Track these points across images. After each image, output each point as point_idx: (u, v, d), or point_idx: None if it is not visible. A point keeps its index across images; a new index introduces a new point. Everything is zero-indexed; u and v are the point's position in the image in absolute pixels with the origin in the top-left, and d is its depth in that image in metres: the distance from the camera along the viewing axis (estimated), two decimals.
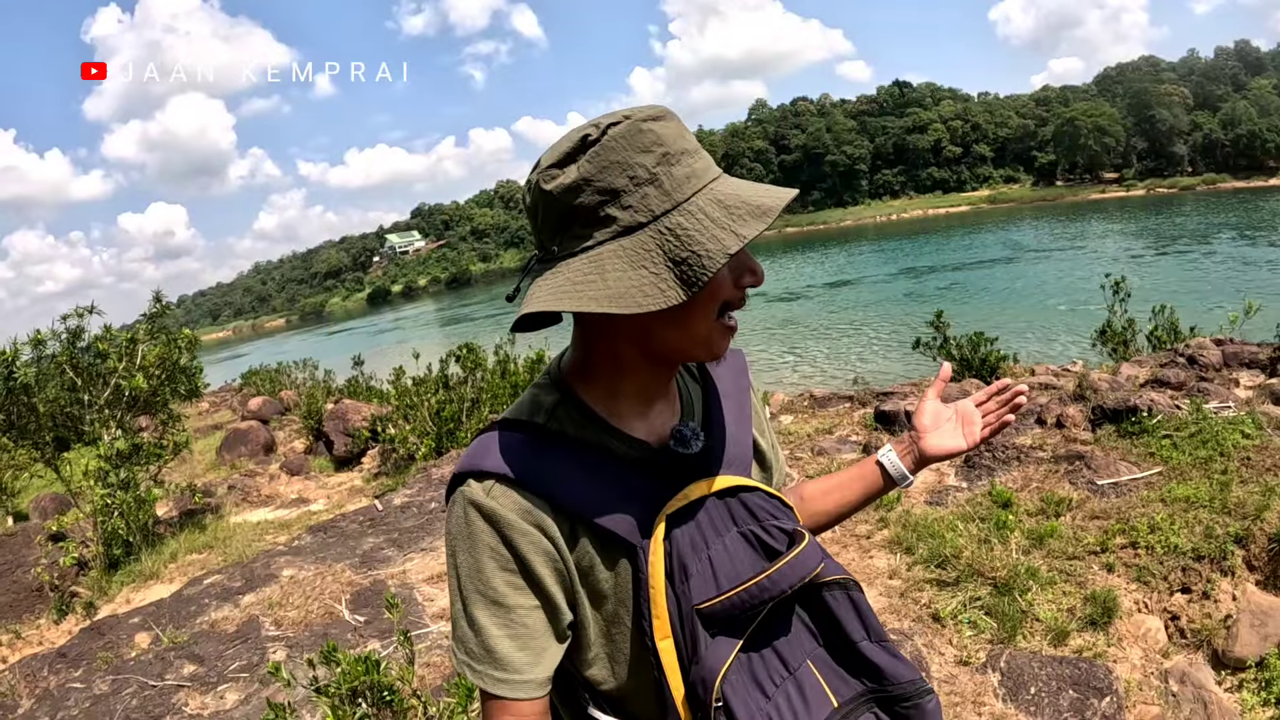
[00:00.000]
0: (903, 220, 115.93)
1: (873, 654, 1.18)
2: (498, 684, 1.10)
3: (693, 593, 1.11)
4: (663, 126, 1.08)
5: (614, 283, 1.03)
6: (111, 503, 7.60)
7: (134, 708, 4.26)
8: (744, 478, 1.23)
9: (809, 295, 40.48)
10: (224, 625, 5.26)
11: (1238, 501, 4.74)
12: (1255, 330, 9.74)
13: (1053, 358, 11.95)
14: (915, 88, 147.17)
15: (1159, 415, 6.02)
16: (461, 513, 1.13)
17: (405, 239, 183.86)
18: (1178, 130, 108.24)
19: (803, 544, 1.15)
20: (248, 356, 40.33)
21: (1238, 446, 5.42)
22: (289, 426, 15.24)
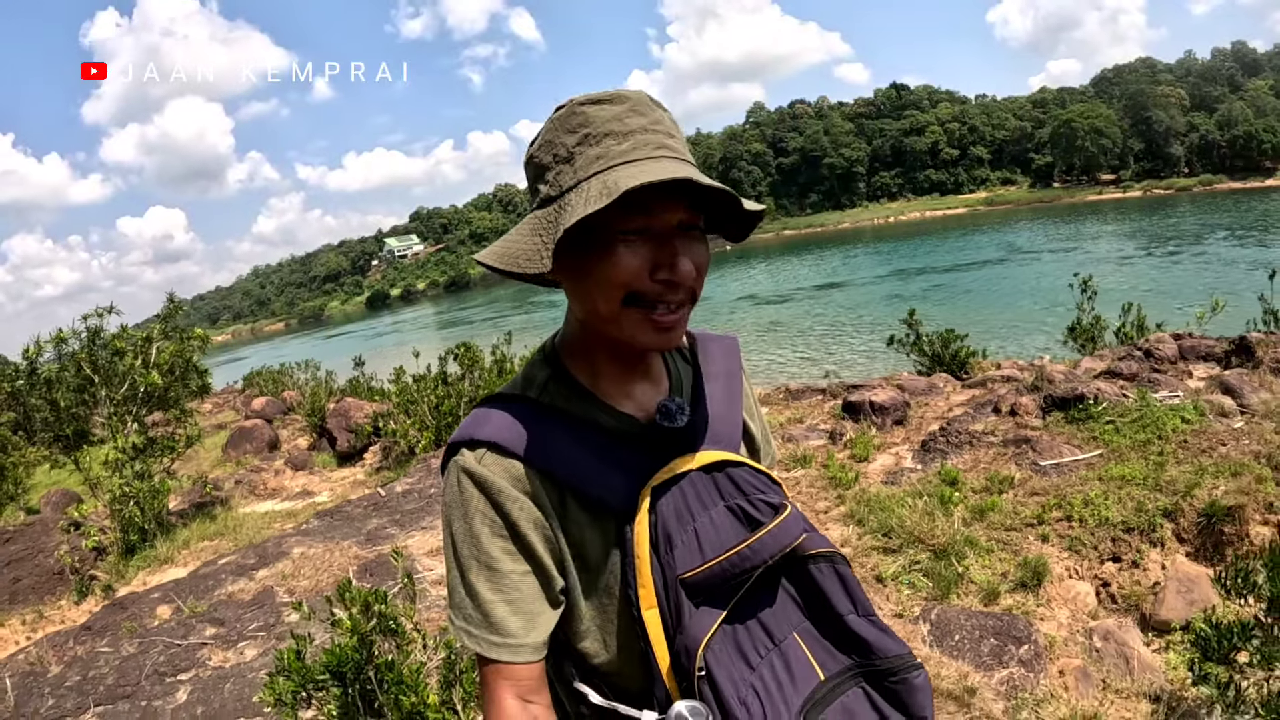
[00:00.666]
0: (900, 223, 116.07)
1: (860, 627, 1.19)
2: (494, 648, 1.14)
3: (677, 563, 1.13)
4: (598, 109, 1.13)
5: (510, 245, 1.15)
6: (129, 491, 8.03)
7: (161, 663, 4.73)
8: (730, 453, 1.25)
9: (797, 298, 40.95)
10: (241, 595, 5.74)
11: (1170, 480, 5.23)
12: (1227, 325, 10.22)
13: (1026, 354, 12.40)
14: (913, 90, 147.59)
15: (1104, 403, 6.50)
16: (455, 480, 1.18)
17: (404, 243, 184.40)
18: (1174, 132, 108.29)
19: (785, 514, 1.18)
20: (247, 359, 40.60)
21: (1176, 431, 5.92)
22: (292, 425, 15.62)
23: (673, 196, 1.10)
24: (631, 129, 1.12)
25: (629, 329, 1.14)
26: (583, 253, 1.12)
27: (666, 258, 1.11)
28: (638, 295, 1.11)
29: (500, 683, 1.14)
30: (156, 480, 8.51)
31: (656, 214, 1.10)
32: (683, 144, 1.17)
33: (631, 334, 1.14)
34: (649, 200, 1.08)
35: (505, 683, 1.14)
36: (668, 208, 1.11)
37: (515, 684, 1.14)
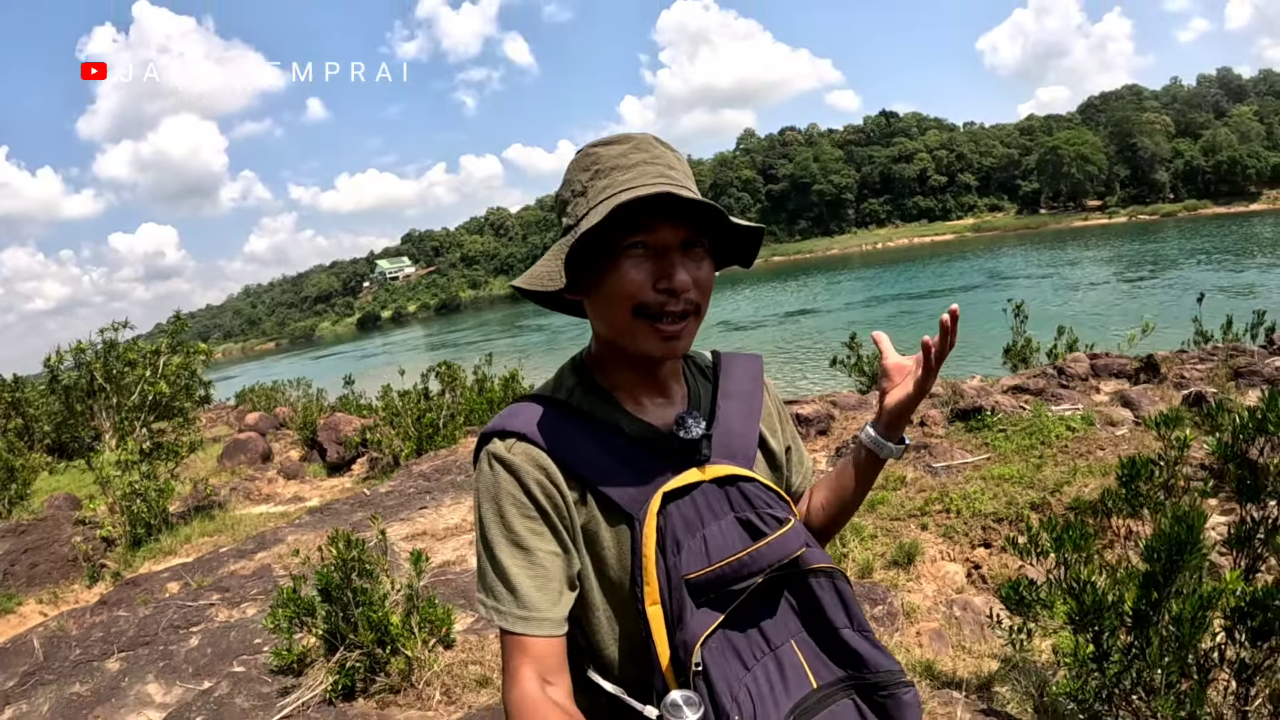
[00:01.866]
0: (888, 249, 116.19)
1: (854, 641, 1.25)
2: (519, 621, 1.18)
3: (683, 565, 1.19)
4: (606, 149, 1.27)
5: (537, 269, 1.26)
6: (138, 489, 8.88)
7: (176, 619, 5.61)
8: (743, 468, 1.32)
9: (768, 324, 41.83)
10: (242, 571, 6.63)
11: (1043, 479, 6.08)
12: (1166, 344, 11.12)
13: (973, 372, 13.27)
14: (902, 118, 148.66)
15: (1000, 414, 7.41)
16: (488, 466, 1.26)
17: (395, 264, 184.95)
18: (1159, 157, 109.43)
19: (788, 526, 1.25)
20: (238, 378, 41.07)
21: (1060, 438, 6.80)
22: (284, 439, 16.36)
23: (672, 218, 1.23)
24: (634, 163, 1.26)
25: (639, 338, 1.25)
26: (597, 271, 1.24)
27: (665, 270, 1.23)
28: (643, 306, 1.23)
29: (522, 660, 1.18)
30: (161, 481, 9.35)
31: (657, 232, 1.23)
32: (685, 175, 1.31)
33: (641, 343, 1.26)
34: (650, 220, 1.21)
35: (527, 660, 1.18)
36: (667, 227, 1.23)
37: (537, 662, 1.18)
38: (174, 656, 5.04)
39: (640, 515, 1.24)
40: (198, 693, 4.47)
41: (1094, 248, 67.04)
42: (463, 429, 12.19)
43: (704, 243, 1.28)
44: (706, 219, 1.25)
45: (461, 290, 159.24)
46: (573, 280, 1.26)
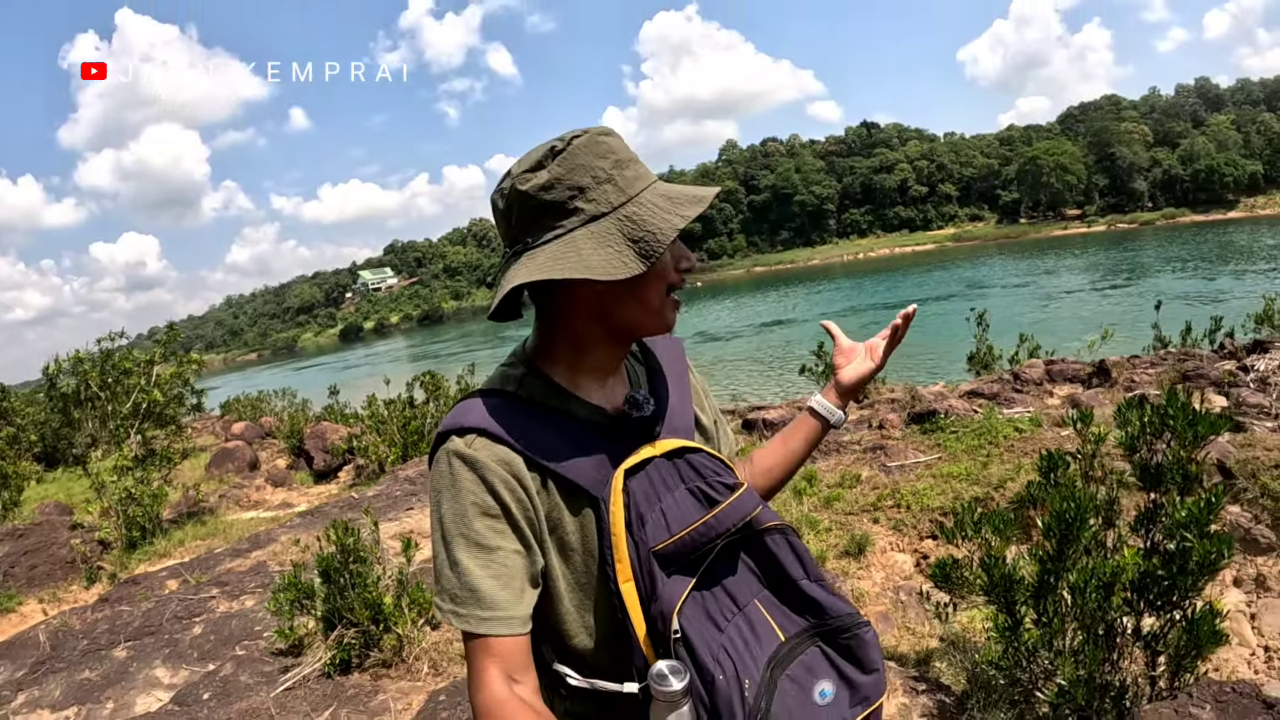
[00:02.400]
0: (869, 259, 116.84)
1: (812, 591, 1.30)
2: (481, 622, 1.19)
3: (649, 537, 1.24)
4: (613, 140, 1.33)
5: (588, 257, 1.24)
6: (134, 493, 9.22)
7: (178, 611, 5.99)
8: (689, 441, 1.39)
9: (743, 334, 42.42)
10: (239, 568, 7.01)
11: (989, 475, 6.52)
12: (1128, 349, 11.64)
13: (941, 379, 13.73)
14: (883, 128, 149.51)
15: (953, 417, 7.86)
16: (446, 464, 1.26)
17: (378, 275, 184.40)
18: (1138, 167, 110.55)
19: (741, 490, 1.31)
20: (220, 389, 41.25)
21: (1007, 438, 7.26)
22: (271, 448, 16.60)
23: None
24: (636, 157, 1.35)
25: (666, 315, 1.36)
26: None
27: (683, 253, 1.36)
28: (671, 285, 1.35)
29: (487, 661, 1.20)
30: (155, 486, 9.69)
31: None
32: None
33: (668, 318, 1.37)
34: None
35: (492, 661, 1.19)
36: None
37: (502, 661, 1.20)
38: (179, 644, 5.43)
39: (604, 495, 1.28)
40: (204, 674, 4.86)
41: (1072, 257, 67.79)
42: None
43: None
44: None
45: (444, 301, 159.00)
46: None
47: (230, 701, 4.40)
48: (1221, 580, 4.92)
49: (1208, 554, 2.83)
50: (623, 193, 1.29)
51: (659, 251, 1.24)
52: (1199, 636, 2.92)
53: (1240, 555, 5.00)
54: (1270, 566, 4.94)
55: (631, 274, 1.23)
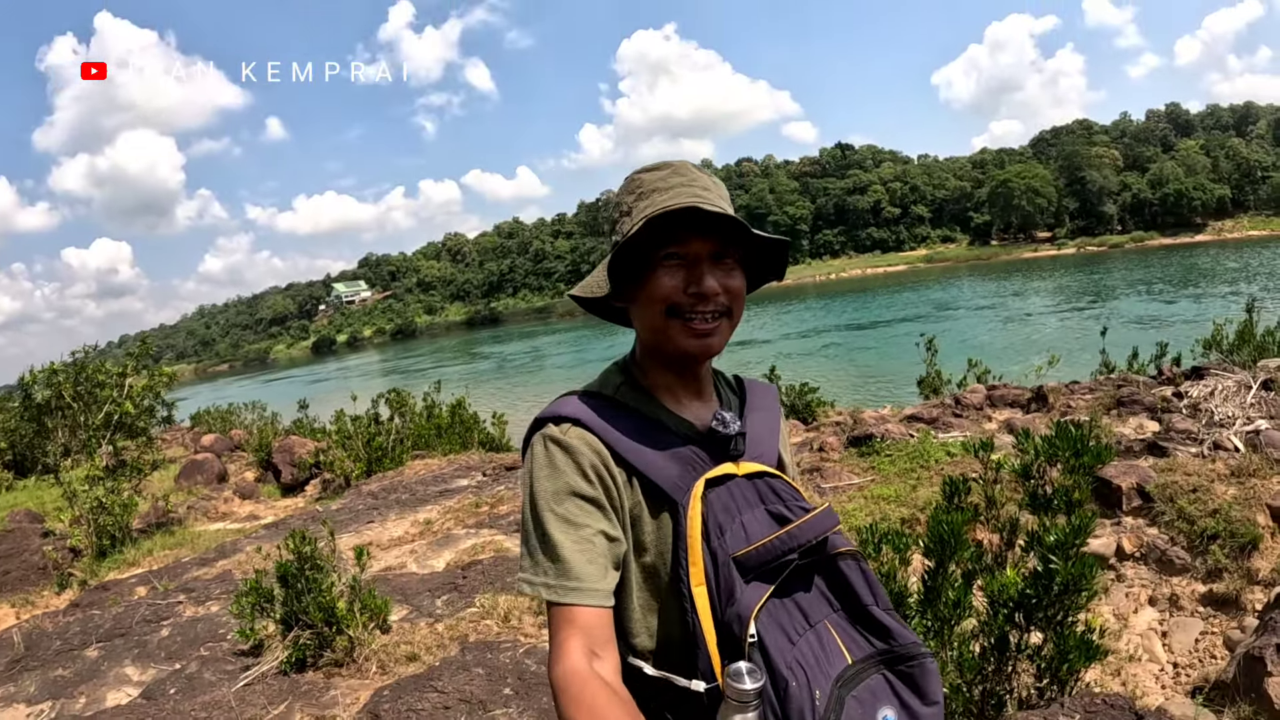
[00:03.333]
0: (842, 280, 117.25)
1: (882, 617, 1.34)
2: (569, 592, 1.24)
3: (729, 545, 1.30)
4: (648, 175, 1.44)
5: (589, 279, 1.41)
6: (105, 503, 9.52)
7: (147, 615, 6.36)
8: (770, 467, 1.44)
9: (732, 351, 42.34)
10: (205, 576, 7.38)
11: (917, 498, 6.89)
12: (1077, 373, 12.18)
13: (892, 402, 14.16)
14: (857, 150, 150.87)
15: (889, 441, 8.29)
16: (542, 447, 1.36)
17: (352, 288, 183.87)
18: (1108, 190, 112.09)
19: (820, 508, 1.36)
20: (190, 400, 41.22)
21: (939, 462, 7.65)
22: (240, 460, 16.75)
23: (702, 232, 1.38)
24: (672, 185, 1.41)
25: (673, 337, 1.40)
26: (638, 280, 1.40)
27: (695, 277, 1.37)
28: (675, 307, 1.37)
29: (570, 631, 1.22)
30: (125, 496, 9.99)
31: (689, 244, 1.38)
32: (719, 196, 1.46)
33: (676, 341, 1.40)
34: (683, 234, 1.37)
35: (575, 631, 1.22)
36: (698, 240, 1.38)
37: (585, 634, 1.22)
38: (147, 645, 5.79)
39: (684, 501, 1.33)
40: (170, 671, 5.24)
41: (1040, 279, 68.59)
42: (410, 452, 12.89)
43: (734, 254, 1.43)
44: (734, 233, 1.39)
45: (418, 316, 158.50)
46: (618, 289, 1.43)
47: (194, 696, 4.78)
48: (1136, 599, 5.25)
49: (1071, 575, 3.09)
50: (632, 222, 1.39)
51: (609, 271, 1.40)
52: (1067, 650, 3.18)
53: (1156, 575, 5.34)
54: (1184, 586, 5.22)
55: (600, 293, 1.41)
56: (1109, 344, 11.91)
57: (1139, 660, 4.61)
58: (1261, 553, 5.16)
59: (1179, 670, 4.59)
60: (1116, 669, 4.49)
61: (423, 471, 11.23)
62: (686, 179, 1.43)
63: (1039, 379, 11.13)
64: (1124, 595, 5.29)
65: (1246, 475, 5.86)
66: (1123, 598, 5.27)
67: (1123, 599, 5.25)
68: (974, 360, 12.64)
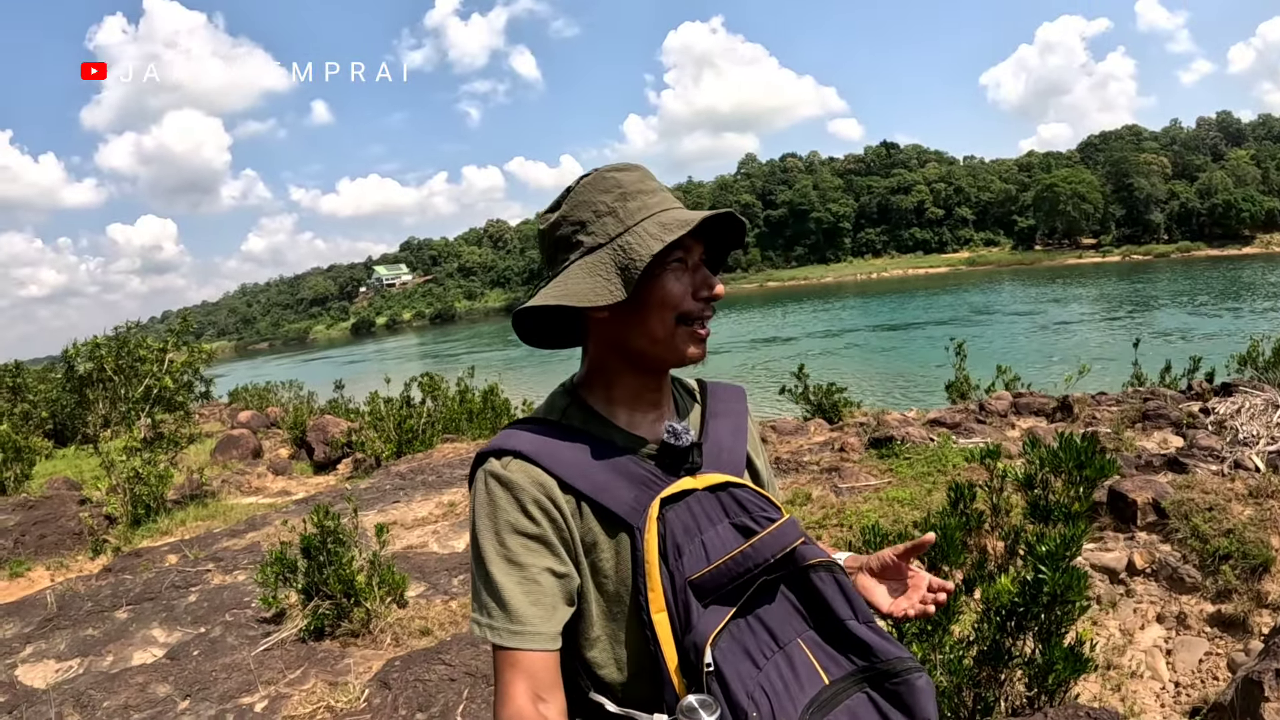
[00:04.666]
0: (883, 279, 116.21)
1: (860, 632, 1.27)
2: (511, 635, 1.20)
3: (686, 568, 1.24)
4: (624, 175, 1.37)
5: (572, 286, 1.31)
6: (140, 473, 9.79)
7: (176, 581, 6.59)
8: (734, 476, 1.38)
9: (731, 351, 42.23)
10: (234, 547, 7.61)
11: (931, 502, 6.88)
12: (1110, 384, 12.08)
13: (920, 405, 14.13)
14: (902, 149, 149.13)
15: (909, 444, 8.35)
16: (483, 484, 1.30)
17: (393, 271, 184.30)
18: (1155, 198, 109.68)
19: (782, 520, 1.30)
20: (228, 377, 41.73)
21: (955, 466, 7.70)
22: (275, 437, 17.04)
23: (697, 236, 1.36)
24: (654, 189, 1.37)
25: (680, 345, 1.35)
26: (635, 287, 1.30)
27: (703, 281, 1.36)
28: (685, 314, 1.34)
29: (515, 675, 1.19)
30: (161, 468, 10.26)
31: (690, 249, 1.35)
32: None
33: (682, 349, 1.35)
34: (685, 238, 1.32)
35: (519, 676, 1.19)
36: (697, 245, 1.37)
37: (530, 678, 1.19)
38: (175, 609, 6.02)
39: (640, 524, 1.27)
40: (195, 635, 5.46)
41: (1082, 286, 67.48)
42: (440, 435, 13.12)
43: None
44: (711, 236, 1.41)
45: (457, 301, 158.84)
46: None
47: (216, 658, 4.99)
48: (1144, 615, 5.22)
49: (1059, 587, 3.12)
50: (621, 223, 1.32)
51: (634, 277, 1.27)
52: (1053, 660, 3.21)
53: (1166, 592, 5.30)
54: (1193, 605, 5.15)
55: (613, 300, 1.27)
56: (1144, 356, 11.83)
57: (1141, 677, 4.58)
58: (1273, 576, 5.11)
59: (1180, 690, 4.55)
60: (1118, 684, 4.46)
61: (451, 455, 11.42)
62: (657, 184, 1.40)
63: (1068, 388, 10.93)
64: (1132, 611, 5.25)
65: (1265, 496, 5.78)
66: (1130, 613, 5.22)
67: (1130, 614, 5.21)
68: (1003, 367, 12.54)
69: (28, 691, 4.84)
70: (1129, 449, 7.41)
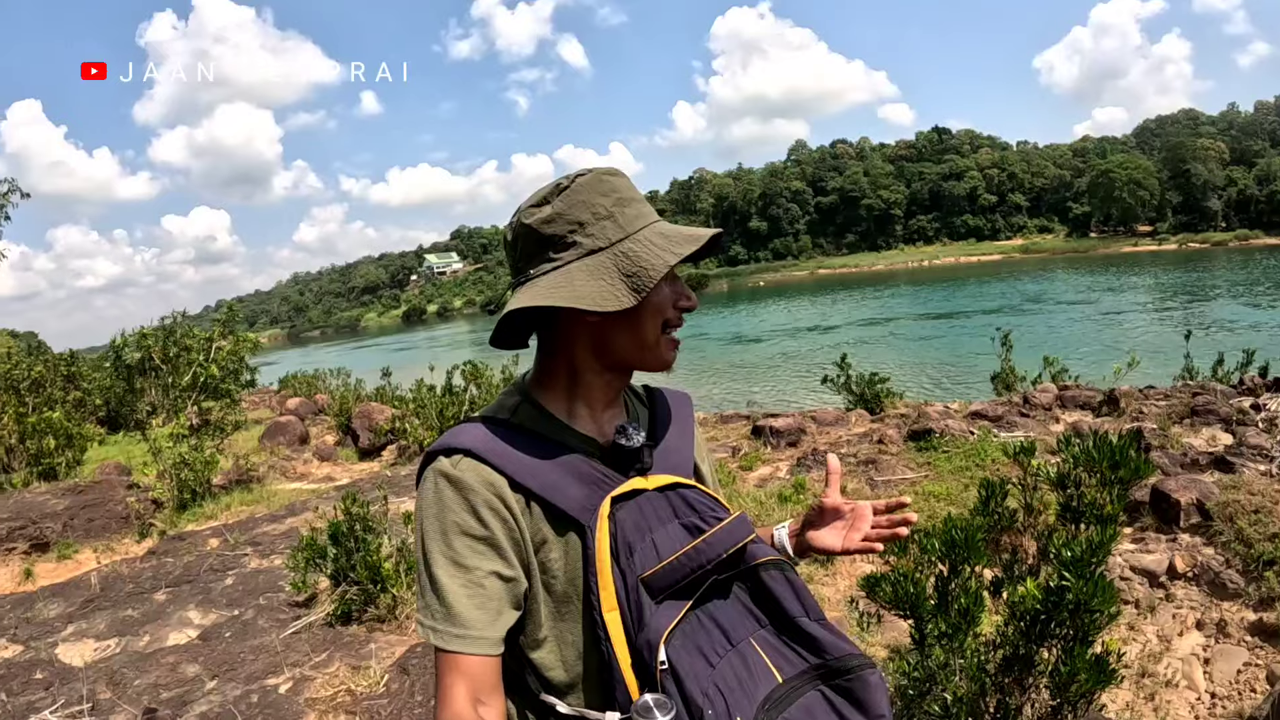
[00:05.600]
0: (935, 267, 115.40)
1: (812, 629, 1.27)
2: (452, 639, 1.19)
3: (637, 565, 1.22)
4: (617, 180, 1.36)
5: (580, 288, 1.28)
6: (186, 459, 9.98)
7: (215, 565, 6.73)
8: (684, 477, 1.38)
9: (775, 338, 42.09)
10: (273, 532, 7.75)
11: (968, 497, 6.75)
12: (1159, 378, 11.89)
13: (954, 397, 14.03)
14: (954, 134, 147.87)
15: (947, 437, 8.24)
16: (431, 483, 1.28)
17: (443, 260, 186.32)
18: (1212, 185, 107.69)
19: (732, 517, 1.30)
20: (278, 365, 42.22)
21: (995, 462, 7.56)
22: (322, 424, 17.23)
23: None
24: (641, 197, 1.38)
25: (663, 351, 1.37)
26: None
27: (682, 291, 1.38)
28: (667, 322, 1.36)
29: (455, 678, 1.19)
30: (207, 454, 10.45)
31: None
32: None
33: (663, 356, 1.38)
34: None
35: (460, 679, 1.19)
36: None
37: (470, 681, 1.19)
38: (211, 592, 6.15)
39: (590, 522, 1.25)
40: (229, 617, 5.57)
41: (1138, 275, 66.10)
42: None
43: None
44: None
45: (508, 289, 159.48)
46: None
47: (246, 639, 5.10)
48: (1183, 621, 5.03)
49: (1083, 595, 2.92)
50: (621, 229, 1.31)
51: (649, 286, 1.27)
52: (1076, 670, 3.00)
53: (1207, 598, 5.11)
54: (1234, 613, 4.95)
55: (622, 306, 1.26)
56: (1196, 348, 11.55)
57: (1176, 686, 4.40)
58: None
59: (1216, 701, 4.37)
60: (1152, 693, 4.31)
61: None
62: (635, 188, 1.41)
63: (1116, 381, 10.76)
64: (1171, 616, 5.06)
65: None
66: (1169, 619, 5.04)
67: (1169, 620, 5.02)
68: (1050, 358, 12.24)
69: (65, 669, 4.96)
70: (1175, 446, 7.21)
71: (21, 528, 8.31)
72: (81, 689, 4.51)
